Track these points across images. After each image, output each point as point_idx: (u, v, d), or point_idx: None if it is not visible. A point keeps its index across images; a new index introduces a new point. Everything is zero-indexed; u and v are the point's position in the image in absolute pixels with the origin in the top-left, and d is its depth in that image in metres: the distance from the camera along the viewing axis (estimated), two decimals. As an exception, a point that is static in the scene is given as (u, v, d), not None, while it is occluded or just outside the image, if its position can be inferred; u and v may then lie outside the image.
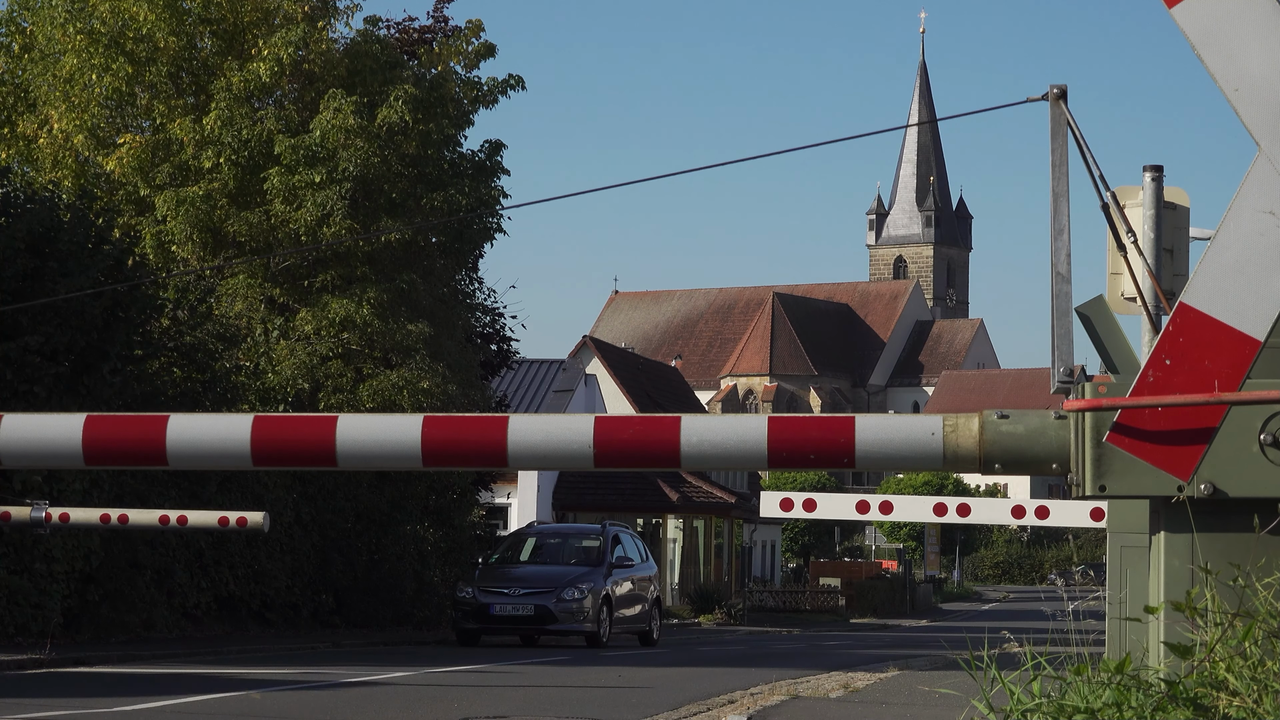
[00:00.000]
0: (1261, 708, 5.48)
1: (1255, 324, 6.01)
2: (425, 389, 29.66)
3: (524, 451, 6.35)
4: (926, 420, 6.31)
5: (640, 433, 6.39)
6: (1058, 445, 6.21)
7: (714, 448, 6.33)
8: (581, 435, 6.33)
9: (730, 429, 6.33)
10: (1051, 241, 6.44)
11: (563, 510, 51.88)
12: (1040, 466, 6.25)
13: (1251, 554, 6.04)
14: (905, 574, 74.52)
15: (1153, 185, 11.07)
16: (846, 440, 6.30)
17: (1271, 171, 5.99)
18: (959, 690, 7.92)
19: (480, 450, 6.39)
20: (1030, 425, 6.25)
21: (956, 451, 6.27)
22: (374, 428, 6.34)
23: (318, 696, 14.60)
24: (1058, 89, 6.46)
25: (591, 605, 27.40)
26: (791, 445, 6.32)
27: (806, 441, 6.32)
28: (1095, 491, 6.12)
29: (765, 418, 6.30)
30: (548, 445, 6.34)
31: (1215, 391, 5.97)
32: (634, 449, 6.39)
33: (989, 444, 6.26)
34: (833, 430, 6.32)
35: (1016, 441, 6.24)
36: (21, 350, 21.52)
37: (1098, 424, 6.11)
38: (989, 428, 6.25)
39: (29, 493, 21.79)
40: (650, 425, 6.39)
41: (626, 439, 6.37)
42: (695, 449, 6.34)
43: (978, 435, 6.25)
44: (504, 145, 33.90)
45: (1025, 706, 5.88)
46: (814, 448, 6.32)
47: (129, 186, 30.49)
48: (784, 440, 6.32)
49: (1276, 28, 6.00)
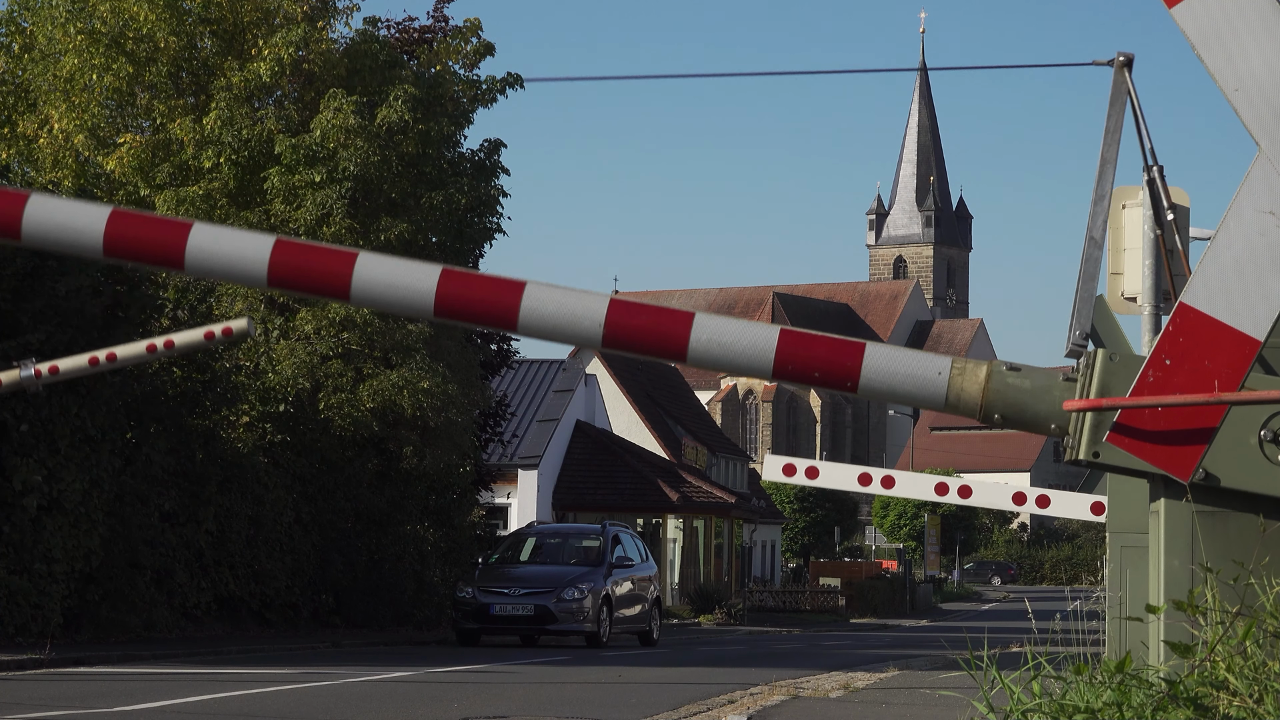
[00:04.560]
0: (1262, 708, 5.48)
1: (1255, 324, 6.01)
2: (425, 389, 29.67)
3: (534, 318, 6.37)
4: (935, 359, 6.33)
5: (653, 320, 6.42)
6: (1060, 408, 6.22)
7: (722, 348, 6.35)
8: (594, 312, 6.36)
9: (741, 332, 6.36)
10: (1091, 206, 6.45)
11: (563, 510, 51.87)
12: (1039, 424, 6.26)
13: (1254, 552, 6.04)
14: (905, 574, 74.51)
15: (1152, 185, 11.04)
16: (853, 364, 6.31)
17: (1271, 171, 5.99)
18: (959, 690, 7.93)
19: (492, 310, 6.42)
20: (1037, 382, 6.27)
21: (960, 395, 6.29)
22: (392, 269, 6.42)
23: (318, 696, 14.60)
24: (1124, 56, 6.46)
25: (591, 605, 27.38)
26: (798, 359, 6.33)
27: (813, 358, 6.33)
28: (1089, 456, 6.13)
29: (778, 328, 6.33)
30: (559, 316, 6.36)
31: (1215, 391, 5.97)
32: (644, 335, 6.41)
33: (993, 393, 6.27)
34: (841, 352, 6.34)
35: (1020, 396, 6.26)
36: (21, 349, 21.52)
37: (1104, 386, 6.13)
38: (996, 377, 6.27)
39: (29, 492, 21.80)
40: (663, 315, 6.43)
41: (638, 324, 6.40)
42: (703, 346, 6.37)
43: (983, 382, 6.26)
44: (503, 144, 33.94)
45: (1025, 706, 5.88)
46: (820, 366, 6.33)
47: (129, 186, 30.48)
48: (792, 353, 6.33)
49: (1276, 28, 6.00)
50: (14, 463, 21.65)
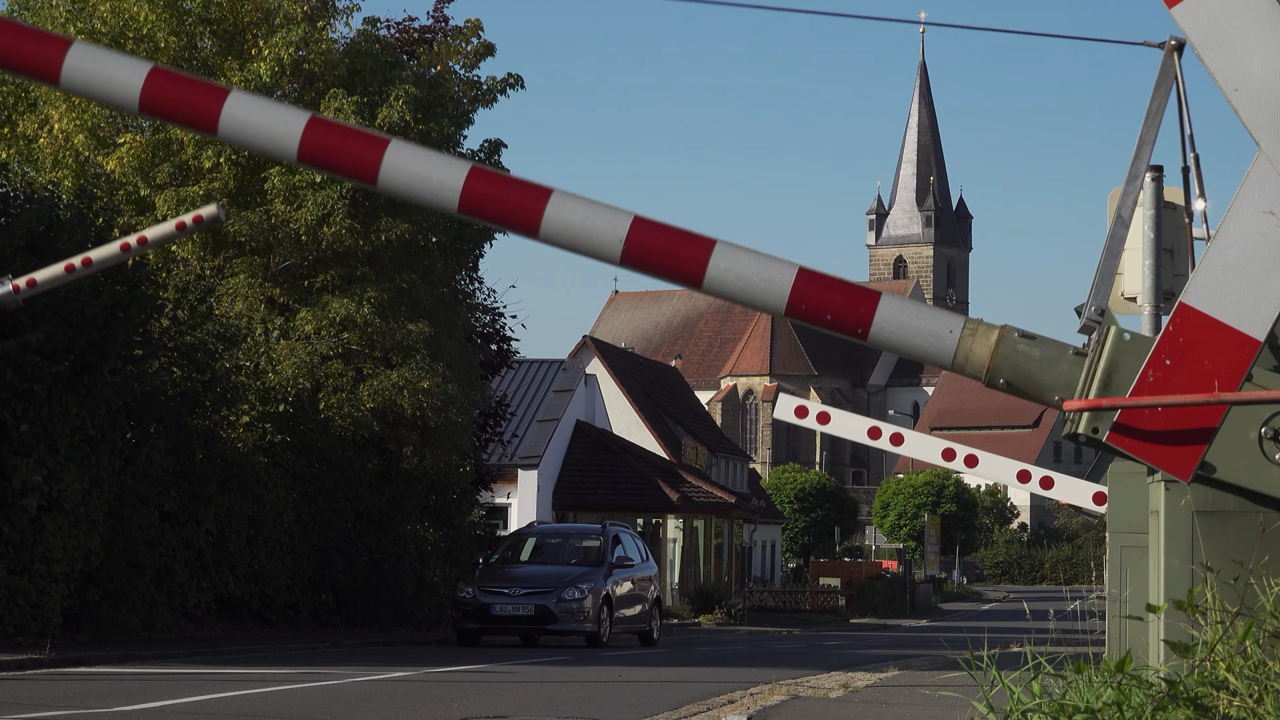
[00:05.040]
0: (1262, 708, 5.47)
1: (1255, 324, 6.00)
2: (425, 389, 29.66)
3: (557, 226, 6.46)
4: (949, 317, 6.37)
5: (674, 242, 6.47)
6: (1066, 379, 6.24)
7: (739, 278, 6.41)
8: (616, 228, 6.44)
9: (760, 265, 6.41)
10: (1124, 184, 6.46)
11: (563, 510, 51.87)
12: (1043, 394, 6.28)
13: (1254, 552, 6.04)
14: (905, 574, 74.52)
15: (1153, 185, 11.07)
16: (866, 311, 6.35)
17: (1271, 171, 5.98)
18: (959, 690, 7.93)
19: (516, 213, 6.49)
20: (1046, 353, 6.29)
21: (968, 356, 6.31)
22: (423, 160, 6.55)
23: (318, 696, 14.60)
24: (1176, 41, 6.48)
25: (592, 605, 27.37)
26: (812, 300, 6.38)
27: (828, 301, 6.38)
28: (1088, 431, 6.14)
29: (797, 266, 6.38)
30: (582, 226, 6.45)
31: (1215, 391, 5.97)
32: (663, 255, 6.46)
33: (1001, 357, 6.28)
34: (856, 298, 6.39)
35: (1029, 363, 6.27)
36: (21, 349, 21.52)
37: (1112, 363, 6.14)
38: (1006, 342, 6.28)
39: (29, 492, 21.80)
40: (685, 239, 6.48)
41: (658, 244, 6.46)
42: (720, 274, 6.42)
43: (993, 346, 6.28)
44: (504, 144, 33.94)
45: (1025, 706, 5.88)
46: (834, 309, 6.37)
47: (129, 186, 30.47)
48: (807, 292, 6.38)
49: (1276, 28, 6.00)
50: (14, 463, 21.64)
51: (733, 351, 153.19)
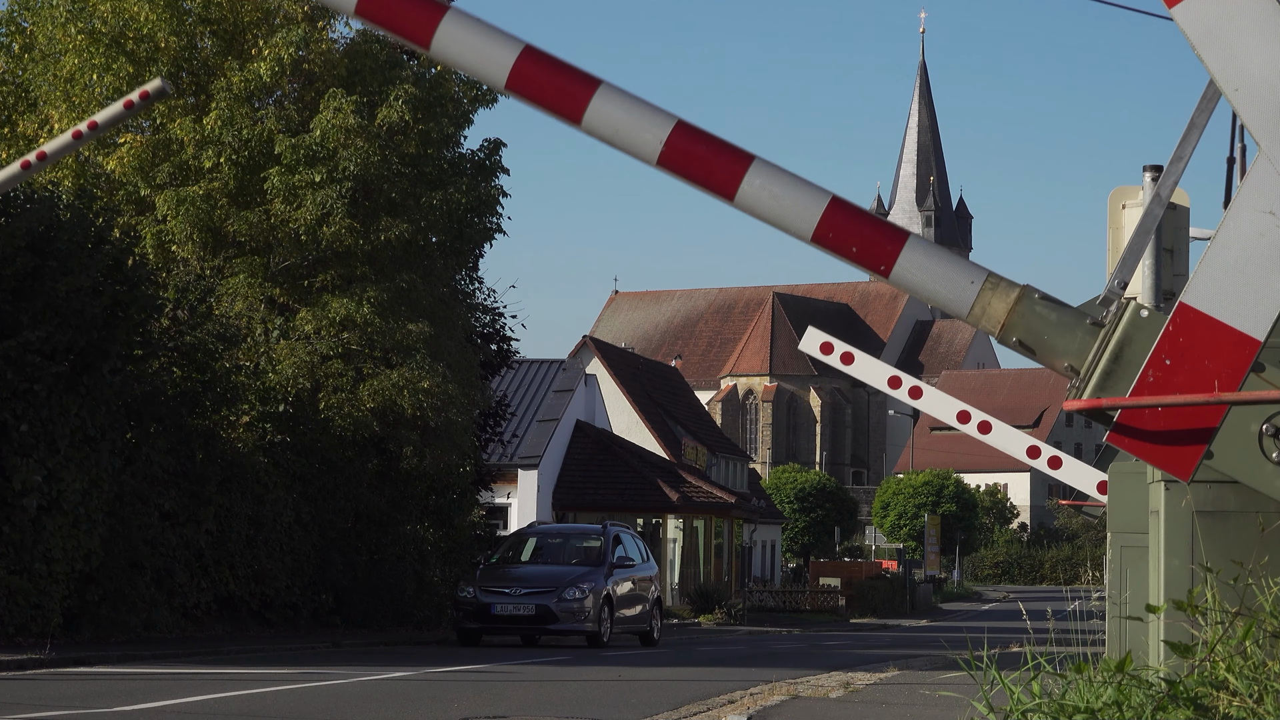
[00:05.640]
0: (1262, 708, 5.48)
1: (1255, 324, 6.01)
2: (425, 389, 29.66)
3: (600, 118, 6.53)
4: (973, 269, 6.43)
5: (712, 151, 6.52)
6: (1079, 347, 6.28)
7: (771, 197, 6.48)
8: (658, 128, 6.51)
9: (794, 187, 6.48)
10: (1168, 165, 6.49)
11: (563, 510, 51.89)
12: (1054, 358, 6.33)
13: (1254, 552, 6.04)
14: (905, 574, 74.52)
15: (1153, 185, 11.07)
16: (892, 249, 6.42)
17: (1271, 171, 5.99)
18: (959, 690, 7.94)
19: (562, 99, 6.57)
20: (1063, 318, 6.34)
21: (985, 309, 6.37)
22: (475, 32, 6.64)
23: (318, 696, 14.60)
24: None
25: (592, 605, 27.37)
26: (840, 230, 6.44)
27: (855, 233, 6.45)
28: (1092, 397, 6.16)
29: (831, 195, 6.45)
30: (625, 121, 6.52)
31: (1215, 391, 5.97)
32: (700, 163, 6.52)
33: (1018, 315, 6.33)
34: (884, 234, 6.45)
35: (1044, 325, 6.32)
36: (22, 349, 21.52)
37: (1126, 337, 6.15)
38: (1025, 301, 6.34)
39: (29, 492, 21.80)
40: (724, 149, 6.53)
41: (697, 152, 6.51)
42: (754, 190, 6.49)
43: (1012, 303, 6.34)
44: (503, 144, 33.94)
45: (1025, 706, 5.88)
46: (860, 242, 6.44)
47: (129, 186, 30.48)
48: (837, 221, 6.45)
49: (1276, 28, 6.00)
50: (14, 463, 21.64)
51: (733, 351, 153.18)
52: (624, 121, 6.51)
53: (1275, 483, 5.93)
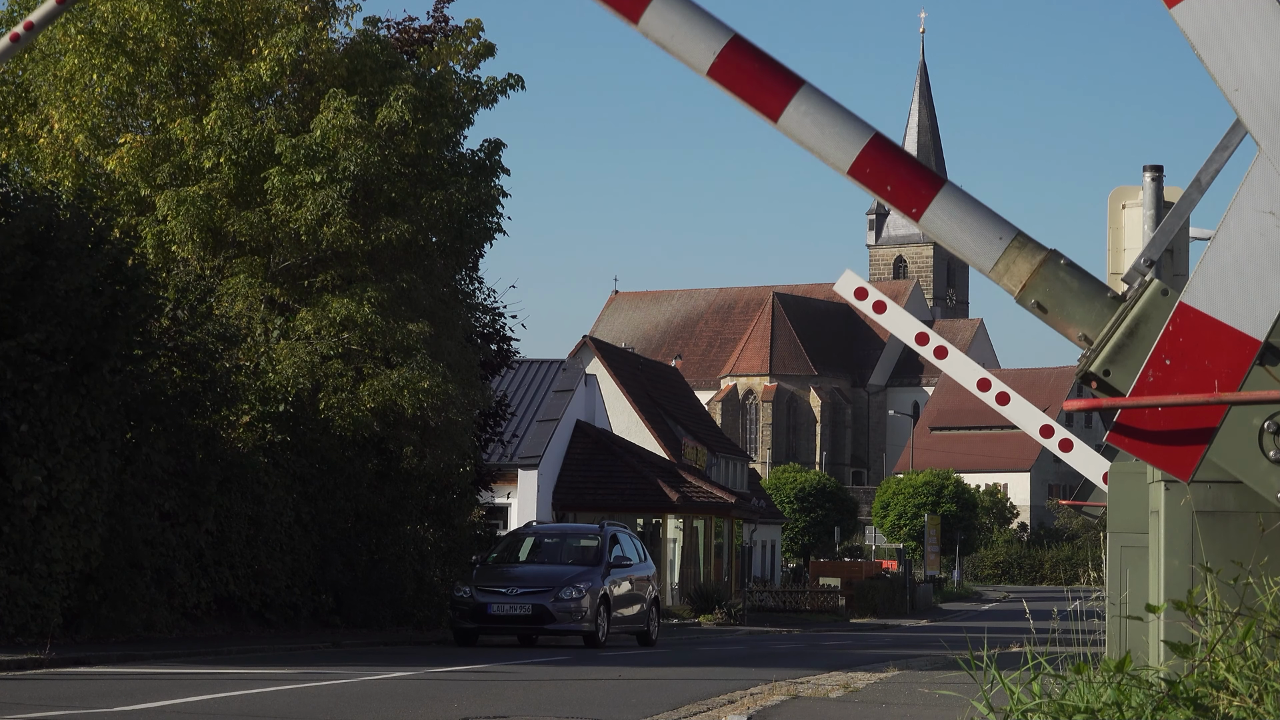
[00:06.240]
0: (1262, 707, 5.48)
1: (1255, 324, 6.01)
2: (425, 389, 29.65)
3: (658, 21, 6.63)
4: (1003, 225, 6.47)
5: (764, 70, 6.59)
6: (1096, 317, 6.33)
7: (815, 124, 6.55)
8: (714, 39, 6.59)
9: (839, 118, 6.56)
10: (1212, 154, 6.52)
11: (563, 510, 51.89)
12: (1069, 326, 6.36)
13: (1254, 552, 6.04)
14: (905, 574, 74.52)
15: (1153, 185, 11.07)
16: (927, 194, 6.48)
17: (1271, 171, 5.99)
18: (959, 690, 7.93)
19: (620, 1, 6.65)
20: (1084, 287, 6.39)
21: (1009, 266, 6.42)
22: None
23: (318, 696, 14.60)
24: None
25: (589, 605, 27.30)
26: (878, 166, 6.50)
27: (892, 172, 6.50)
28: (1100, 369, 6.19)
29: (875, 132, 6.52)
30: (681, 26, 6.59)
31: (1215, 391, 5.97)
32: (750, 79, 6.58)
33: (1041, 278, 6.38)
34: (922, 178, 6.51)
35: (1065, 291, 6.37)
36: (21, 349, 21.52)
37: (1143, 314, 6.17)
38: (1050, 265, 6.40)
39: (29, 492, 21.81)
40: (776, 71, 6.60)
41: (749, 67, 6.57)
42: (799, 115, 6.56)
43: (1036, 265, 6.38)
44: (504, 144, 33.94)
45: (1025, 706, 5.88)
46: (896, 181, 6.50)
47: (129, 186, 30.47)
48: (876, 157, 6.51)
49: (1276, 28, 6.00)
50: (14, 463, 21.64)
51: (733, 351, 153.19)
52: (681, 27, 6.57)
53: (1270, 480, 5.93)
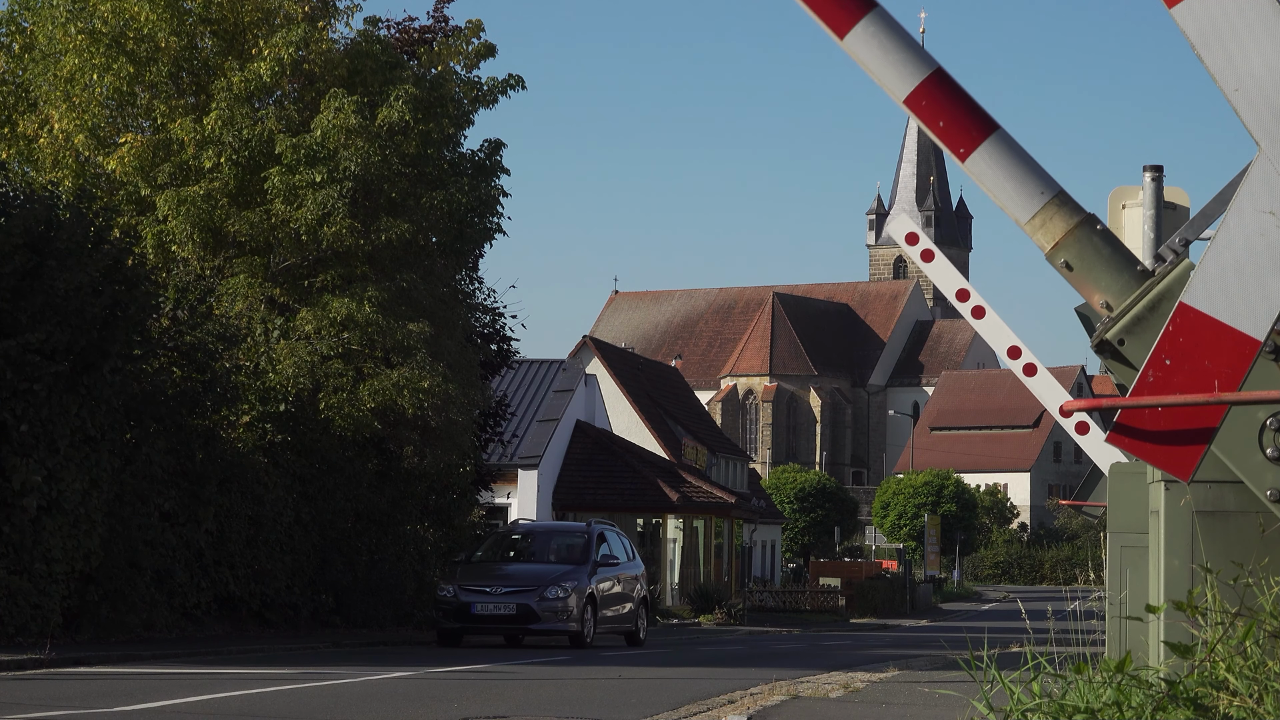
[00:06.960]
0: (1262, 708, 5.48)
1: (1255, 324, 6.01)
2: (425, 389, 29.65)
3: None
4: (1047, 180, 6.54)
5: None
6: (1121, 286, 6.41)
7: (880, 46, 6.62)
8: None
9: (904, 46, 6.64)
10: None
11: (563, 510, 51.89)
12: (1094, 291, 6.43)
13: (1254, 552, 6.04)
14: (905, 574, 74.53)
15: (1153, 185, 11.07)
16: (977, 137, 6.57)
17: (1271, 171, 5.99)
18: (959, 690, 7.93)
19: None
20: (1116, 257, 6.47)
21: (1046, 222, 6.49)
22: None
23: (318, 696, 14.60)
24: None
25: (575, 604, 26.82)
26: (935, 100, 6.58)
27: (947, 110, 6.59)
28: (1116, 338, 6.23)
29: (937, 66, 6.59)
30: None
31: (1215, 391, 5.97)
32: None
33: (1073, 239, 6.45)
34: (975, 119, 6.60)
35: (1096, 256, 6.45)
36: (21, 348, 21.52)
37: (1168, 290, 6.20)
38: (1085, 227, 6.47)
39: (29, 492, 21.81)
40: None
41: None
42: (867, 35, 6.66)
43: (1073, 225, 6.45)
44: (504, 144, 33.94)
45: (1025, 706, 5.88)
46: (949, 119, 6.58)
47: (129, 186, 30.47)
48: (934, 92, 6.59)
49: (1276, 28, 6.00)
50: (14, 463, 21.64)
51: (733, 351, 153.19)
52: None
53: (1265, 477, 5.94)
